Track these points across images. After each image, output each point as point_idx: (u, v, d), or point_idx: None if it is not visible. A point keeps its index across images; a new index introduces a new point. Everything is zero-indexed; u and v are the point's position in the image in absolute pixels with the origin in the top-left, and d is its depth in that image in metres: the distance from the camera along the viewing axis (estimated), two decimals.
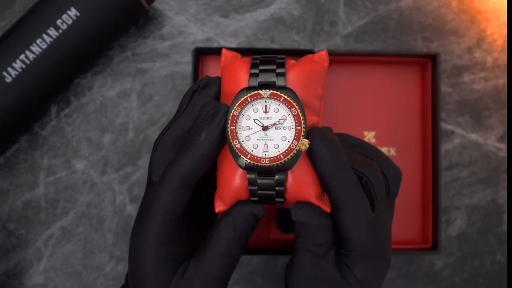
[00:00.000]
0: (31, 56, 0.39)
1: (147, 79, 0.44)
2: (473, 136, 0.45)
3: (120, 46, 0.44)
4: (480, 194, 0.45)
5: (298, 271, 0.29)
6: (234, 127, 0.27)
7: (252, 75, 0.28)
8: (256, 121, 0.27)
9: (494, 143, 0.45)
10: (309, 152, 0.27)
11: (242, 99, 0.27)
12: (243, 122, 0.27)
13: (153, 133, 0.44)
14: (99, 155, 0.44)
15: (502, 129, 0.45)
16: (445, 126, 0.45)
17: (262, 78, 0.27)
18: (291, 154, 0.27)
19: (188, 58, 0.44)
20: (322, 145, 0.27)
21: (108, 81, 0.44)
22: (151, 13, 0.44)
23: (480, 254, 0.45)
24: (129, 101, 0.44)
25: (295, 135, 0.27)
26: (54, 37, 0.39)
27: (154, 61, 0.44)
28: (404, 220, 0.43)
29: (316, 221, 0.28)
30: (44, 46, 0.39)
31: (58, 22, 0.39)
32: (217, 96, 0.30)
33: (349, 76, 0.44)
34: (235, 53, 0.30)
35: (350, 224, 0.28)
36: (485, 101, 0.45)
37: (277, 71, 0.28)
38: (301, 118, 0.27)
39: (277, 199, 0.28)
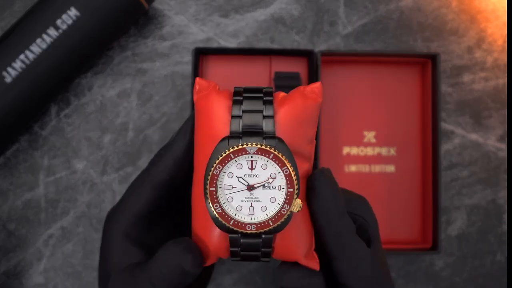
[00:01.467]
0: (31, 56, 0.39)
1: (147, 79, 0.44)
2: (473, 136, 0.45)
3: (120, 46, 0.44)
4: (480, 194, 0.45)
5: None
6: (214, 189, 0.23)
7: (234, 117, 0.24)
8: (240, 179, 0.23)
9: (494, 143, 0.45)
10: (311, 197, 0.24)
11: (224, 155, 0.23)
12: (225, 180, 0.23)
13: (153, 133, 0.44)
14: (99, 155, 0.44)
15: (502, 129, 0.45)
16: (445, 126, 0.45)
17: (247, 120, 0.23)
18: (281, 220, 0.23)
19: (188, 58, 0.44)
20: (329, 193, 0.24)
21: (108, 81, 0.44)
22: (151, 13, 0.44)
23: (480, 254, 0.45)
24: (129, 101, 0.44)
25: (286, 198, 0.23)
26: (54, 37, 0.39)
27: (154, 61, 0.44)
28: (404, 220, 0.43)
29: (306, 283, 0.25)
30: (44, 46, 0.39)
31: (58, 22, 0.39)
32: (176, 164, 0.26)
33: (349, 76, 0.44)
34: (212, 83, 0.25)
35: (349, 272, 0.26)
36: (485, 101, 0.45)
37: (264, 113, 0.24)
38: (294, 178, 0.23)
39: (262, 259, 0.25)
